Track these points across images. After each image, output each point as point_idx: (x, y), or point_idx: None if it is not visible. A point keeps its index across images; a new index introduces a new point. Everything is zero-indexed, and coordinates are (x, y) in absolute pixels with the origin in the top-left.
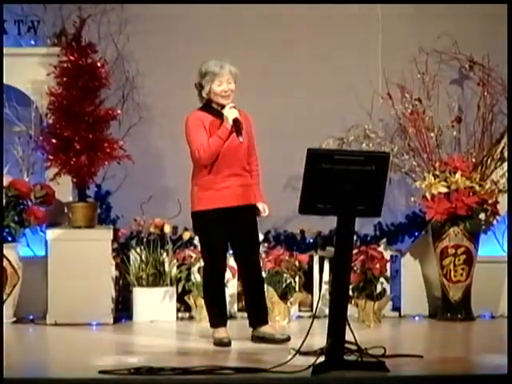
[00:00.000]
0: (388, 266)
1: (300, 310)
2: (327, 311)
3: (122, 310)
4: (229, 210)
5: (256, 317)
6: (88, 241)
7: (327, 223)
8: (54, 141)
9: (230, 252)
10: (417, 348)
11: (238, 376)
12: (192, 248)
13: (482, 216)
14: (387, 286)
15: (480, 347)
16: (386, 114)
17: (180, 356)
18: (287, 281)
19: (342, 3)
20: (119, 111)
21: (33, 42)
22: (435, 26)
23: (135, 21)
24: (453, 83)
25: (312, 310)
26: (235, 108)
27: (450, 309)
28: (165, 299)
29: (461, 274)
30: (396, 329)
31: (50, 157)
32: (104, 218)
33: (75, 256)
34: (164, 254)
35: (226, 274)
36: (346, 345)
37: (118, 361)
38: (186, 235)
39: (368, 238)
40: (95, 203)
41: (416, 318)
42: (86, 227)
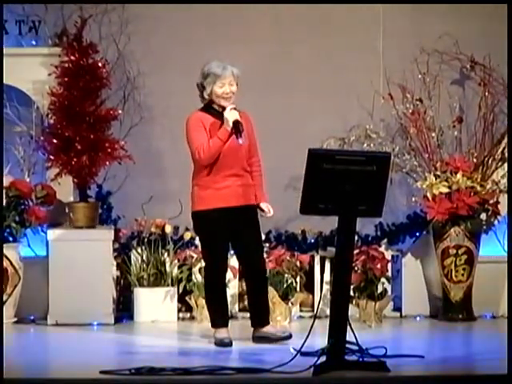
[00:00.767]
0: (389, 266)
1: (301, 310)
2: (328, 311)
3: (123, 310)
4: (229, 210)
5: (257, 317)
6: (89, 241)
7: (328, 223)
8: (55, 141)
9: (232, 252)
10: (418, 348)
11: (239, 376)
12: (193, 248)
13: (483, 216)
14: (388, 286)
15: (481, 347)
16: (387, 114)
17: (181, 356)
18: (288, 281)
19: (343, 3)
20: (120, 111)
21: (34, 42)
22: (436, 26)
23: (136, 21)
24: (454, 83)
25: (313, 310)
26: (236, 109)
27: (451, 309)
28: (166, 299)
29: (462, 274)
30: (397, 329)
31: (51, 157)
32: (105, 218)
33: (76, 256)
34: (165, 254)
35: (228, 274)
36: (347, 345)
37: (119, 361)
38: (187, 235)
39: (369, 238)
40: (96, 203)
41: (417, 318)
42: (87, 227)
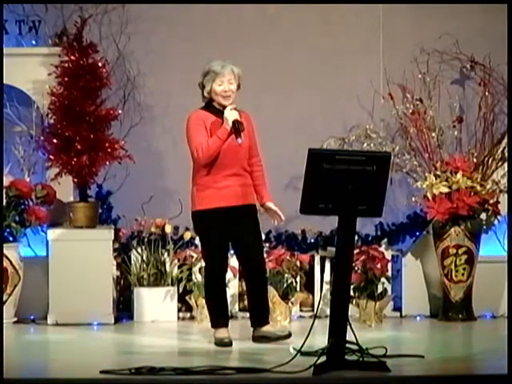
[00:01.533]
0: (389, 266)
1: (301, 310)
2: (328, 311)
3: (123, 310)
4: (229, 210)
5: (257, 317)
6: (89, 241)
7: (328, 223)
8: (55, 141)
9: (232, 252)
10: (418, 348)
11: (239, 376)
12: (193, 248)
13: (483, 216)
14: (388, 286)
15: (481, 347)
16: (387, 114)
17: (181, 356)
18: (288, 281)
19: (343, 3)
20: (120, 111)
21: (34, 42)
22: (436, 26)
23: (136, 21)
24: (454, 83)
25: (313, 310)
26: (236, 109)
27: (451, 309)
28: (166, 299)
29: (462, 274)
30: (397, 329)
31: (51, 157)
32: (105, 218)
33: (76, 256)
34: (165, 254)
35: (227, 274)
36: (348, 345)
37: (119, 361)
38: (187, 235)
39: (369, 238)
40: (96, 203)
41: (417, 318)
42: (87, 227)
